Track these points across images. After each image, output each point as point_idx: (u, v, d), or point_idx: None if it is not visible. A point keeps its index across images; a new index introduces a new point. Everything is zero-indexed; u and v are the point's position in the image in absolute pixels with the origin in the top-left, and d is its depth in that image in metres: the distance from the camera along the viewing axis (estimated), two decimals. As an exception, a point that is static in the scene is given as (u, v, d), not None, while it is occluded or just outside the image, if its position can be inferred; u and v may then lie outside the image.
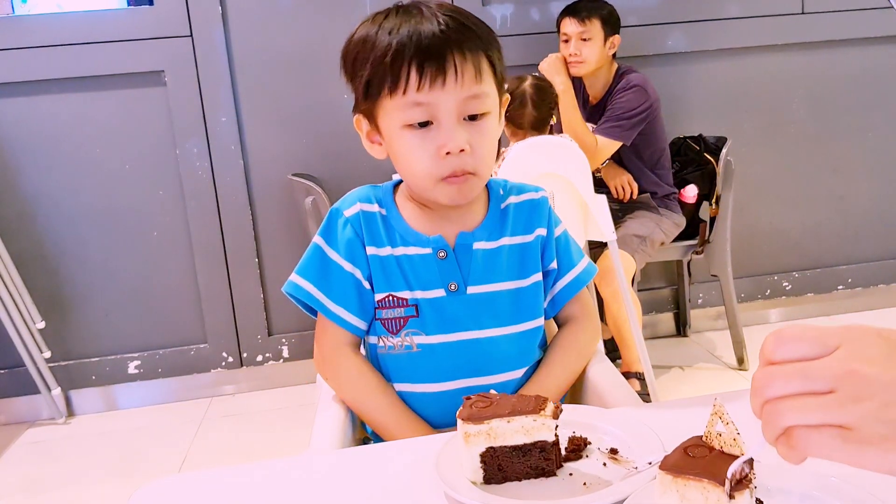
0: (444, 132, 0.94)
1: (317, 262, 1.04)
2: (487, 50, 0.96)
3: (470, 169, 0.96)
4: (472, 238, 1.03)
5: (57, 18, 2.61)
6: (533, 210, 1.08)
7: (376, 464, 0.83)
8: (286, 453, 2.04)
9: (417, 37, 0.92)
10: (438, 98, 0.93)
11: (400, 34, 0.93)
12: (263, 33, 2.66)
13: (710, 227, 2.68)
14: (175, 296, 2.77)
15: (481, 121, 0.96)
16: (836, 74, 3.00)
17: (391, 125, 0.97)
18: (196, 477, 0.84)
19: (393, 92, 0.94)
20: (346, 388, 1.04)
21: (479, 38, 0.95)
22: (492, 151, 0.99)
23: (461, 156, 0.94)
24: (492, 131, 0.98)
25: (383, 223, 1.04)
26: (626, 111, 2.52)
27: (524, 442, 0.75)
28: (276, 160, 2.72)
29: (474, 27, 0.96)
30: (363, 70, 0.96)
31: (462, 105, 0.94)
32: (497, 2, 2.74)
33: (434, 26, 0.93)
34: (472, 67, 0.94)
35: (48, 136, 2.61)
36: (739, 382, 2.61)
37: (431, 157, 0.95)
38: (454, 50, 0.92)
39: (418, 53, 0.92)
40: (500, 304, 1.03)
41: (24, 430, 2.66)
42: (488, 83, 0.96)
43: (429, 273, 1.02)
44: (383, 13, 0.97)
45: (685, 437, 0.66)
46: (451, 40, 0.93)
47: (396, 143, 0.97)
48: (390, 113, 0.96)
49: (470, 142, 0.94)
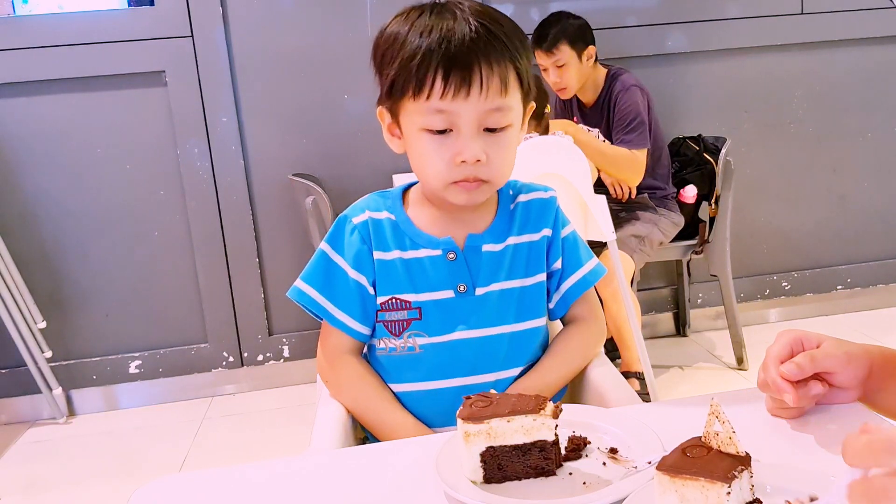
0: (462, 141, 0.94)
1: (322, 269, 1.04)
2: (516, 60, 0.95)
3: (483, 177, 0.96)
4: (482, 240, 1.04)
5: (58, 19, 2.61)
6: (540, 209, 1.08)
7: (376, 464, 0.83)
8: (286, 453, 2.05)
9: (447, 43, 0.91)
10: (461, 108, 0.92)
11: (430, 37, 0.92)
12: (264, 33, 2.66)
13: (709, 227, 2.69)
14: (176, 295, 2.77)
15: (501, 133, 0.96)
16: (836, 74, 3.00)
17: (411, 126, 0.97)
18: (196, 477, 0.85)
19: (416, 96, 0.93)
20: (347, 393, 1.05)
21: (508, 48, 0.94)
22: (509, 162, 0.99)
23: (476, 165, 0.94)
24: (511, 143, 0.98)
25: (392, 228, 1.04)
26: (636, 116, 2.49)
27: (524, 441, 0.75)
28: (276, 160, 2.72)
29: (506, 34, 0.95)
30: (390, 68, 0.95)
31: (483, 117, 0.94)
32: (497, 2, 2.74)
33: (465, 32, 0.92)
34: (499, 80, 0.93)
35: (49, 136, 2.61)
36: (739, 382, 2.62)
37: (446, 162, 0.95)
38: (482, 60, 0.92)
39: (445, 61, 0.91)
40: (504, 304, 1.04)
41: (24, 430, 2.67)
42: (513, 96, 0.96)
43: (438, 274, 1.02)
44: (418, 9, 0.96)
45: (685, 437, 0.67)
46: (480, 49, 0.92)
47: (414, 143, 0.98)
48: (411, 115, 0.96)
49: (487, 152, 0.94)
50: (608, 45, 2.70)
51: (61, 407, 2.69)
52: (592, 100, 2.62)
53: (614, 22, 2.78)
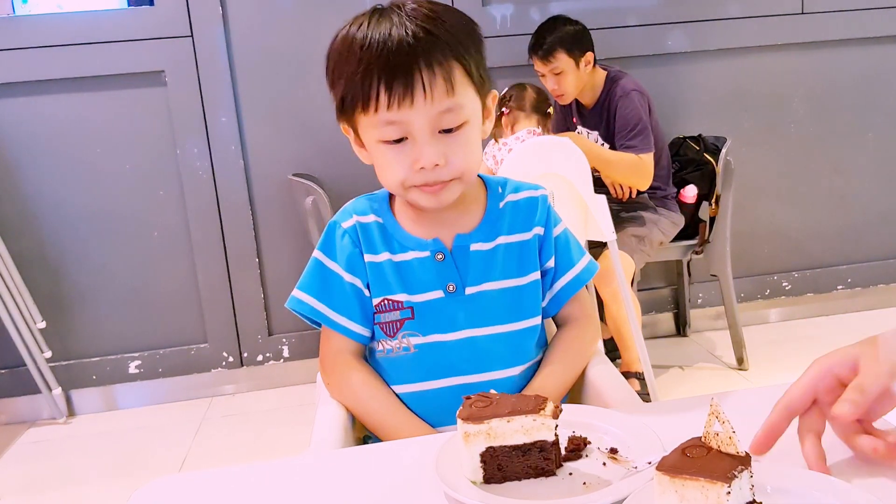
0: (418, 148, 0.93)
1: (317, 275, 1.05)
2: (462, 57, 0.93)
3: (445, 179, 0.96)
4: (470, 240, 1.04)
5: (57, 18, 2.61)
6: (531, 208, 1.08)
7: (376, 464, 0.83)
8: (286, 453, 2.05)
9: (386, 52, 0.90)
10: (409, 116, 0.92)
11: (370, 48, 0.91)
12: (263, 33, 2.66)
13: (709, 227, 2.69)
14: (175, 296, 2.77)
15: (458, 132, 0.95)
16: (836, 74, 3.00)
17: (369, 139, 0.97)
18: (196, 477, 0.84)
19: (365, 110, 0.93)
20: (349, 395, 1.05)
21: (450, 46, 0.92)
22: (472, 156, 0.98)
23: (435, 169, 0.94)
24: (471, 139, 0.97)
25: (380, 231, 1.04)
26: (638, 121, 2.47)
27: (524, 441, 0.75)
28: (276, 160, 2.72)
29: (448, 31, 0.93)
30: (338, 86, 0.96)
31: (435, 120, 0.93)
32: (497, 2, 2.74)
33: (402, 37, 0.90)
34: (443, 81, 0.91)
35: (49, 136, 2.61)
36: (739, 382, 2.62)
37: (406, 170, 0.95)
38: (422, 65, 0.90)
39: (386, 72, 0.90)
40: (497, 303, 1.04)
41: (24, 430, 2.66)
42: (463, 93, 0.94)
43: (427, 275, 1.02)
44: (360, 18, 0.95)
45: (685, 437, 0.66)
46: (419, 53, 0.90)
47: (375, 154, 0.98)
48: (366, 128, 0.96)
49: (446, 154, 0.94)
50: (608, 46, 2.70)
51: (61, 407, 2.69)
52: (591, 102, 2.61)
53: (614, 22, 2.78)
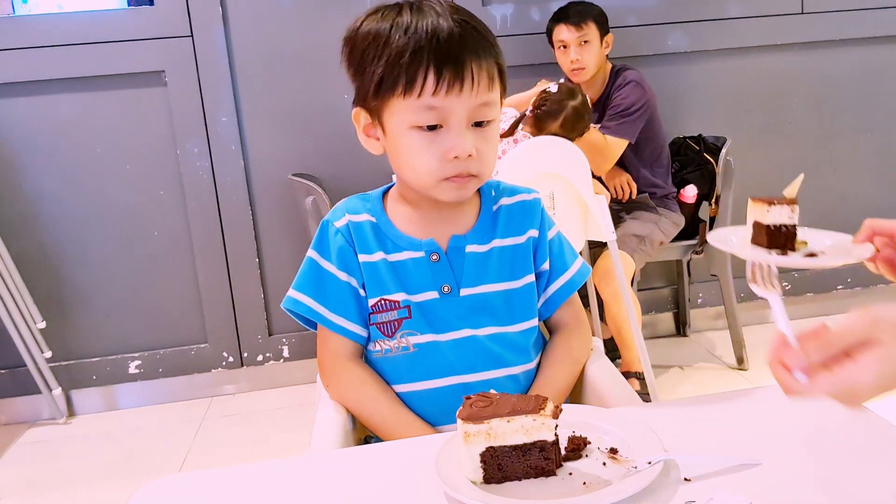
0: (453, 137, 0.94)
1: (312, 275, 1.04)
2: (498, 58, 0.96)
3: (474, 171, 0.96)
4: (465, 241, 1.04)
5: (57, 18, 2.61)
6: (525, 212, 1.08)
7: (376, 464, 0.83)
8: (286, 453, 2.05)
9: (436, 39, 0.91)
10: (453, 103, 0.92)
11: (418, 33, 0.91)
12: (263, 33, 2.66)
13: (709, 227, 2.69)
14: (175, 296, 2.77)
15: (487, 127, 0.96)
16: (836, 74, 3.00)
17: (398, 124, 0.96)
18: (196, 477, 0.84)
19: (407, 93, 0.92)
20: (349, 397, 1.05)
21: (491, 45, 0.95)
22: (495, 156, 1.00)
23: (468, 160, 0.94)
24: (495, 137, 0.99)
25: (373, 231, 1.04)
26: (627, 107, 2.51)
27: (524, 441, 0.75)
28: (276, 160, 2.72)
29: (484, 32, 0.96)
30: (375, 66, 0.94)
31: (473, 111, 0.94)
32: (497, 2, 2.74)
33: (451, 28, 0.92)
34: (487, 75, 0.94)
35: (49, 136, 2.61)
36: (739, 382, 2.62)
37: (438, 159, 0.94)
38: (471, 56, 0.92)
39: (437, 56, 0.90)
40: (493, 306, 1.04)
41: (24, 430, 2.66)
42: (497, 91, 0.96)
43: (422, 276, 1.02)
44: (393, 9, 0.95)
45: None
46: (469, 45, 0.92)
47: (401, 141, 0.96)
48: (400, 112, 0.95)
49: (476, 147, 0.95)
50: (608, 45, 2.70)
51: (61, 407, 2.69)
52: (598, 94, 2.62)
53: (615, 22, 2.77)
